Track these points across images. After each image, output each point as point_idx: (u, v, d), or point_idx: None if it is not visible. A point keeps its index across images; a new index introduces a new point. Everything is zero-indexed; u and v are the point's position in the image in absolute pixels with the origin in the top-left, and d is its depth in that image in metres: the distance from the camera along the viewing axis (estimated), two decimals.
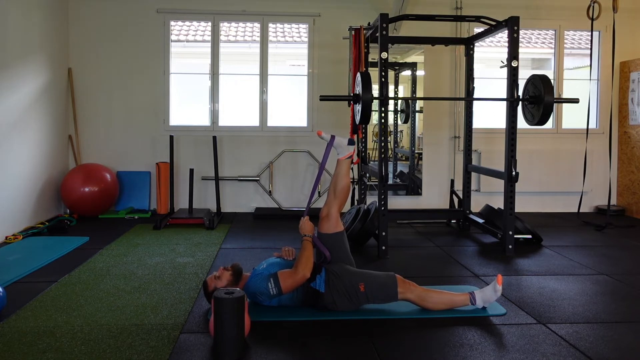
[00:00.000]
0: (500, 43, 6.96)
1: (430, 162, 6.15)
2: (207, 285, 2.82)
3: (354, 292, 2.81)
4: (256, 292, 2.80)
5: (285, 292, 2.77)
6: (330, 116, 5.99)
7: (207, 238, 4.68)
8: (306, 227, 3.02)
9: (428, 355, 2.40)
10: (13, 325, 2.66)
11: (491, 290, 2.88)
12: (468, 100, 5.18)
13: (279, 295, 2.79)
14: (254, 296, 2.83)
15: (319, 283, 2.84)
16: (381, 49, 4.12)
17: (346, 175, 3.28)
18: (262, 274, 2.82)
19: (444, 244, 4.60)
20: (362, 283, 2.83)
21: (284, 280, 2.76)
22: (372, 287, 2.83)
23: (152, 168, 5.93)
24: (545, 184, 6.11)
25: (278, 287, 2.75)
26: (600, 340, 2.57)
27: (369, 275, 2.89)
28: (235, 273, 2.81)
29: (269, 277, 2.77)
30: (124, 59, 5.91)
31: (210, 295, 2.78)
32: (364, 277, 2.87)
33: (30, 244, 4.35)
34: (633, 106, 5.99)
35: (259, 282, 2.80)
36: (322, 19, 6.01)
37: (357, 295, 2.82)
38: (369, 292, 2.82)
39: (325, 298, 2.82)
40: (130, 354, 2.35)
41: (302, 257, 2.84)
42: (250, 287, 2.82)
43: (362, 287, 2.82)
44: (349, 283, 2.83)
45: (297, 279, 2.76)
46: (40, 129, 5.23)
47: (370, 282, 2.84)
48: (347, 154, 3.31)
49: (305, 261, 2.81)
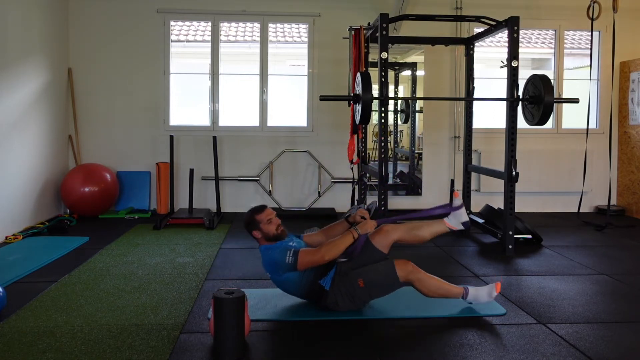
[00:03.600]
0: (500, 43, 6.97)
1: (430, 162, 6.15)
2: (257, 213, 2.90)
3: (354, 289, 2.79)
4: (273, 259, 2.81)
5: (299, 267, 2.76)
6: (330, 116, 6.00)
7: (207, 238, 4.68)
8: (365, 226, 2.90)
9: (428, 355, 2.40)
10: (13, 325, 2.67)
11: (485, 293, 2.88)
12: (468, 100, 5.18)
13: (292, 269, 2.77)
14: (269, 263, 2.85)
15: (327, 280, 2.83)
16: (381, 49, 4.12)
17: (432, 235, 3.10)
18: (286, 246, 2.83)
19: (444, 244, 4.59)
20: (360, 278, 2.80)
21: (303, 255, 2.75)
22: (371, 279, 2.79)
23: (152, 168, 5.93)
24: (545, 184, 6.11)
25: (295, 260, 2.74)
26: (600, 340, 2.57)
27: (366, 269, 2.84)
28: (282, 230, 2.91)
29: (290, 249, 2.78)
30: (124, 59, 5.91)
31: (249, 222, 2.91)
32: (360, 272, 2.83)
33: (30, 244, 4.35)
34: (633, 106, 5.99)
35: (279, 251, 2.81)
36: (322, 19, 6.01)
37: (358, 293, 2.80)
38: (369, 286, 2.79)
39: (329, 297, 2.82)
40: (130, 354, 2.35)
41: (334, 241, 2.82)
42: (271, 251, 2.84)
43: (361, 283, 2.79)
44: (348, 281, 2.81)
45: (315, 258, 2.75)
46: (40, 129, 5.23)
47: (367, 274, 2.80)
48: (453, 227, 3.08)
49: (333, 246, 2.79)
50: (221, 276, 3.58)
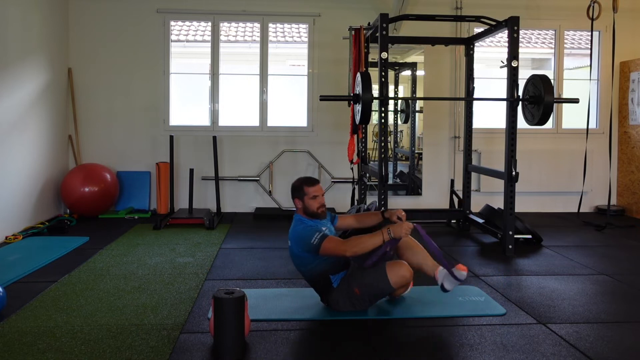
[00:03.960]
0: (500, 43, 6.96)
1: (430, 162, 6.15)
2: (307, 184, 2.88)
3: (352, 294, 2.81)
4: (301, 233, 2.80)
5: (321, 251, 2.72)
6: (330, 116, 5.99)
7: (207, 238, 4.68)
8: (399, 230, 2.70)
9: (428, 355, 2.40)
10: (13, 325, 2.67)
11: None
12: (468, 100, 5.17)
13: (313, 251, 2.74)
14: (295, 235, 2.84)
15: (337, 278, 2.84)
16: (381, 49, 4.12)
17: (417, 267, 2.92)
18: (318, 228, 2.80)
19: (444, 244, 4.59)
20: (355, 287, 2.80)
21: (328, 241, 2.71)
22: (365, 287, 2.79)
23: (152, 168, 5.93)
24: (545, 184, 6.11)
25: (319, 242, 2.71)
26: (600, 340, 2.57)
27: (361, 277, 2.82)
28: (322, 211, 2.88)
29: (320, 232, 2.75)
30: (124, 59, 5.90)
31: (295, 189, 2.90)
32: (357, 280, 2.82)
33: (30, 244, 4.35)
34: (633, 106, 5.99)
35: (310, 229, 2.79)
36: (322, 19, 6.01)
37: (356, 300, 2.81)
38: (365, 293, 2.79)
39: (333, 294, 2.83)
40: (130, 354, 2.35)
41: (361, 239, 2.72)
42: (302, 225, 2.83)
43: (357, 291, 2.80)
44: (347, 286, 2.82)
45: (338, 249, 2.70)
46: (40, 129, 5.23)
47: (361, 283, 2.79)
48: (438, 278, 2.84)
49: (359, 243, 2.70)
50: (221, 276, 3.58)
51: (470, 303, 3.05)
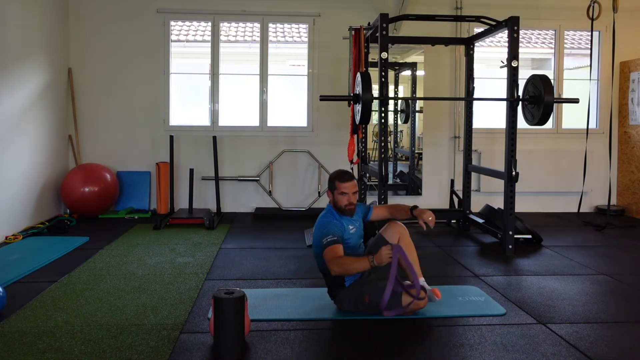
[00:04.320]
0: (500, 43, 6.96)
1: (430, 162, 6.15)
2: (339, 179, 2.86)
3: (361, 301, 2.80)
4: (321, 227, 2.81)
5: (323, 255, 2.74)
6: (330, 116, 5.99)
7: (207, 238, 4.68)
8: (379, 257, 2.65)
9: (428, 355, 2.40)
10: (13, 325, 2.66)
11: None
12: (468, 100, 5.17)
13: (321, 250, 2.76)
14: (319, 225, 2.85)
15: (352, 278, 2.84)
16: (381, 49, 4.12)
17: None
18: (333, 230, 2.78)
19: (444, 244, 4.60)
20: (367, 295, 2.79)
21: (329, 250, 2.72)
22: (376, 300, 2.74)
23: (152, 168, 5.93)
24: (545, 184, 6.11)
25: (325, 246, 2.73)
26: (600, 340, 2.57)
27: (374, 287, 2.81)
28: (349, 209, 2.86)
29: (332, 236, 2.74)
30: (124, 59, 5.90)
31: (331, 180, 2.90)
32: (370, 288, 2.81)
33: (30, 244, 4.35)
34: (633, 106, 5.99)
35: (327, 227, 2.79)
36: (322, 19, 6.01)
37: (362, 305, 2.80)
38: (374, 304, 2.76)
39: (342, 293, 2.84)
40: (130, 354, 2.35)
41: (348, 260, 2.72)
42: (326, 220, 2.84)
43: (367, 299, 2.79)
44: (359, 292, 2.81)
45: (328, 262, 2.71)
46: (40, 129, 5.22)
47: (374, 293, 2.77)
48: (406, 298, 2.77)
49: (345, 264, 2.69)
50: (221, 276, 3.58)
51: (470, 303, 3.05)
